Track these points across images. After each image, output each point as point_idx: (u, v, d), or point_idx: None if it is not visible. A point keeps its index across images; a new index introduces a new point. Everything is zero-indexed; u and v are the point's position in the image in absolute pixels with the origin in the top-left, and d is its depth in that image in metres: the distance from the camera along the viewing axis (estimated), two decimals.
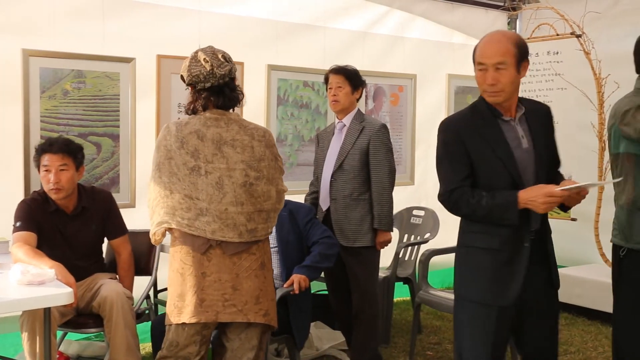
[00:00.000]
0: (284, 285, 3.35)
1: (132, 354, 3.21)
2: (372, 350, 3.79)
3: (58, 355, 3.65)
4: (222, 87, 2.73)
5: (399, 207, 4.62)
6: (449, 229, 4.85)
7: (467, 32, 5.83)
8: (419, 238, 4.68)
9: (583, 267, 5.23)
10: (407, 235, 4.85)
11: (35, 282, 2.72)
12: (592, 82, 5.09)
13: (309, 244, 3.57)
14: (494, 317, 2.54)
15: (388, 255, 4.41)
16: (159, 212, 2.68)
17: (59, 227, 3.39)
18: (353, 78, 3.78)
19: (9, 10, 3.76)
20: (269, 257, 2.84)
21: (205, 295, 2.67)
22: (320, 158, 3.93)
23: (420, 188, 5.69)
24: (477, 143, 2.54)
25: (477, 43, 2.56)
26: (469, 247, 2.63)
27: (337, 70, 3.79)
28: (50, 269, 2.84)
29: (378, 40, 5.38)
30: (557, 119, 2.81)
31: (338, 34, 5.11)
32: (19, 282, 2.72)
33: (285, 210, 3.50)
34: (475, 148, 2.54)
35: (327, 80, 3.84)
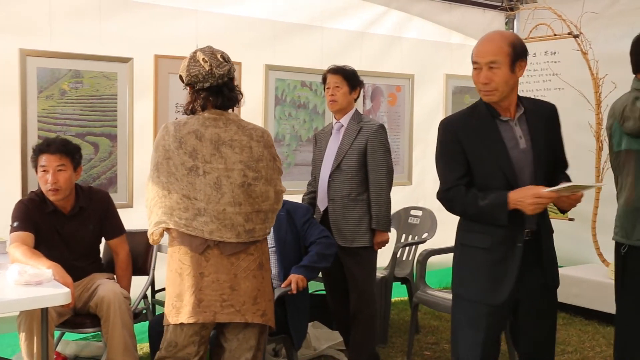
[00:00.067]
0: (282, 285, 3.34)
1: (129, 354, 3.21)
2: (369, 350, 3.79)
3: (55, 356, 3.65)
4: (221, 87, 2.73)
5: (397, 207, 4.62)
6: (447, 229, 4.86)
7: (464, 32, 5.84)
8: (417, 238, 4.69)
9: (580, 267, 5.24)
10: (404, 235, 4.85)
11: (33, 282, 2.72)
12: (589, 82, 5.10)
13: (307, 244, 3.57)
14: (486, 315, 2.56)
15: (386, 255, 4.42)
16: (157, 212, 2.68)
17: (57, 227, 3.38)
18: (351, 78, 3.78)
19: (6, 10, 3.75)
20: (267, 257, 2.84)
21: (204, 296, 2.66)
22: (318, 158, 3.92)
23: (418, 188, 5.69)
24: (473, 143, 2.56)
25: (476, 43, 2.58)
26: (465, 246, 2.66)
27: (335, 70, 3.79)
28: (48, 269, 2.83)
29: (376, 41, 5.38)
30: None
31: (336, 34, 5.11)
32: (17, 282, 2.71)
33: (283, 211, 3.50)
34: (472, 148, 2.56)
35: (325, 80, 3.83)
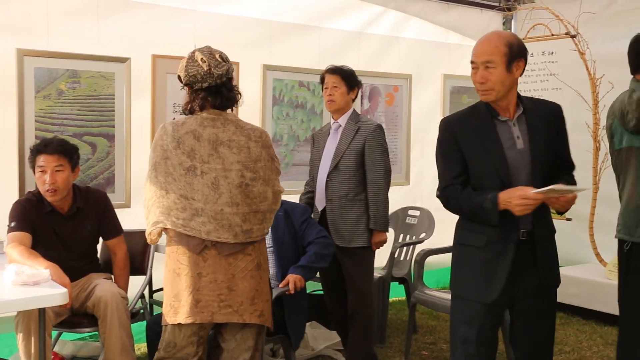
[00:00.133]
0: (280, 286, 3.34)
1: (126, 354, 3.20)
2: (367, 350, 3.79)
3: (53, 356, 3.65)
4: (219, 87, 2.73)
5: (395, 207, 4.62)
6: (445, 229, 4.86)
7: (462, 32, 5.84)
8: (415, 238, 4.69)
9: (578, 266, 5.24)
10: (402, 235, 4.85)
11: (30, 282, 2.72)
12: (586, 82, 5.11)
13: (305, 244, 3.57)
14: (480, 313, 2.58)
15: (383, 255, 4.42)
16: (155, 211, 2.68)
17: (54, 227, 3.38)
18: (349, 78, 3.78)
19: (4, 10, 3.74)
20: (265, 257, 2.84)
21: (201, 296, 2.66)
22: (316, 158, 3.92)
23: (416, 188, 5.70)
24: (470, 143, 2.58)
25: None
26: (462, 245, 2.68)
27: (333, 70, 3.79)
28: (45, 270, 2.83)
29: (373, 40, 5.38)
30: None
31: (333, 34, 5.11)
32: (14, 282, 2.71)
33: (281, 211, 3.49)
34: (469, 147, 2.58)
35: (323, 80, 3.83)
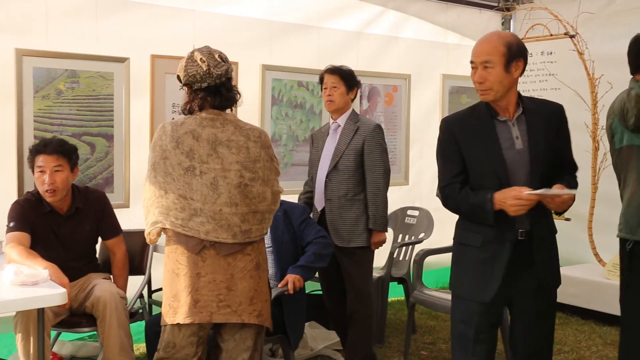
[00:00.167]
0: (279, 286, 3.34)
1: (125, 354, 3.20)
2: (366, 350, 3.79)
3: (52, 356, 3.64)
4: (218, 87, 2.73)
5: (393, 207, 4.62)
6: (444, 229, 4.87)
7: (461, 32, 5.85)
8: (414, 238, 4.69)
9: (577, 266, 5.25)
10: (401, 235, 4.85)
11: (29, 282, 2.71)
12: (585, 82, 5.11)
13: (304, 244, 3.57)
14: (478, 313, 2.59)
15: (382, 255, 4.42)
16: (154, 211, 2.68)
17: (53, 227, 3.37)
18: (348, 78, 3.78)
19: (3, 10, 3.74)
20: (264, 257, 2.84)
21: (200, 296, 2.66)
22: (315, 158, 3.92)
23: (415, 188, 5.70)
24: (469, 143, 2.59)
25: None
26: (460, 244, 2.70)
27: (332, 70, 3.79)
28: (44, 270, 2.83)
29: (372, 41, 5.38)
30: None
31: (332, 34, 5.11)
32: (13, 282, 2.71)
33: (280, 211, 3.49)
34: (467, 148, 2.59)
35: (322, 80, 3.83)
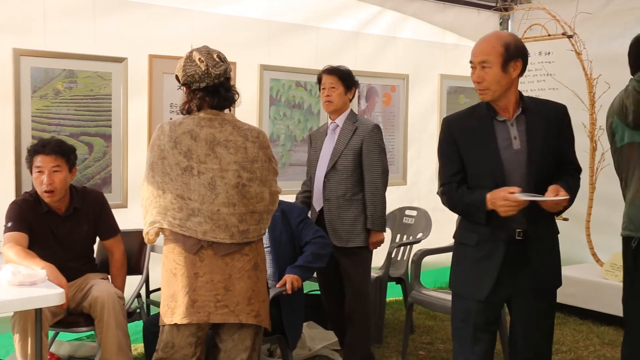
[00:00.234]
0: (277, 286, 3.34)
1: (123, 354, 3.20)
2: (364, 350, 3.79)
3: (49, 356, 3.64)
4: (217, 87, 2.72)
5: (392, 207, 4.62)
6: (442, 229, 4.88)
7: (459, 32, 5.85)
8: (412, 238, 4.69)
9: (574, 266, 5.25)
10: (399, 235, 4.85)
11: (27, 282, 2.71)
12: (583, 82, 5.12)
13: (302, 244, 3.57)
14: (475, 310, 2.61)
15: (380, 255, 4.42)
16: (152, 211, 2.67)
17: (51, 228, 3.37)
18: (346, 78, 3.78)
19: (0, 10, 3.73)
20: (263, 257, 2.83)
21: (197, 296, 2.66)
22: (313, 158, 3.92)
23: (413, 188, 5.70)
24: (467, 142, 2.61)
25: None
26: (459, 243, 2.73)
27: (330, 71, 3.79)
28: (42, 270, 2.83)
29: (370, 41, 5.38)
30: None
31: (330, 34, 5.11)
32: (10, 282, 2.70)
33: (278, 211, 3.49)
34: (466, 147, 2.61)
35: (320, 81, 3.83)
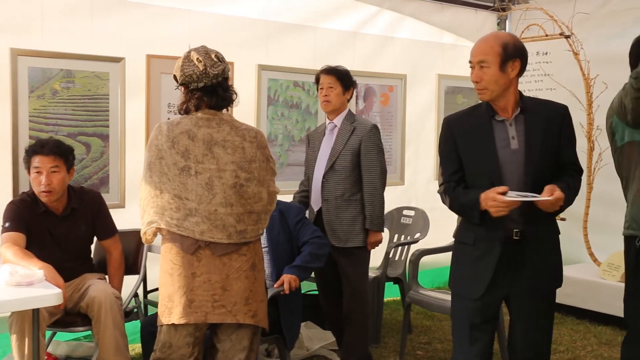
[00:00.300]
0: (274, 286, 3.34)
1: (120, 354, 3.20)
2: (362, 350, 3.79)
3: (47, 356, 3.64)
4: (215, 87, 2.72)
5: (389, 207, 4.62)
6: (439, 229, 4.89)
7: (456, 32, 5.85)
8: (409, 238, 4.69)
9: (572, 266, 5.25)
10: (397, 235, 4.85)
11: (24, 283, 2.71)
12: (580, 82, 5.12)
13: (300, 244, 3.57)
14: (471, 309, 2.62)
15: (378, 255, 4.42)
16: (149, 211, 2.67)
17: (49, 228, 3.37)
18: (344, 78, 3.78)
19: None
20: (260, 257, 2.83)
21: (195, 296, 2.66)
22: (311, 159, 3.92)
23: (411, 188, 5.70)
24: (465, 142, 2.62)
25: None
26: (457, 241, 2.76)
27: (328, 71, 3.79)
28: (39, 270, 2.82)
29: (368, 41, 5.39)
30: None
31: (328, 34, 5.11)
32: (8, 283, 2.70)
33: (276, 211, 3.49)
34: (464, 146, 2.62)
35: (318, 81, 3.83)
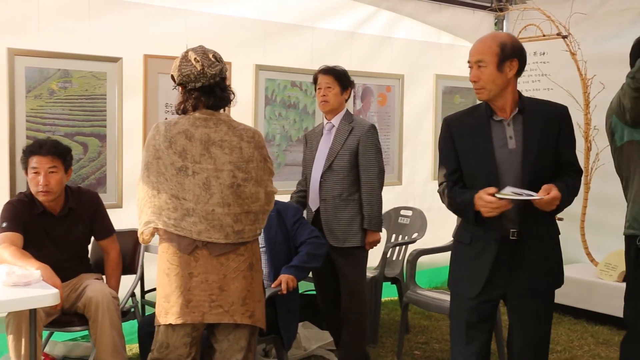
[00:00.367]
0: (272, 286, 3.33)
1: (118, 355, 3.19)
2: (360, 350, 3.79)
3: (44, 357, 3.63)
4: (212, 87, 2.72)
5: (387, 207, 4.62)
6: (437, 229, 4.90)
7: (454, 32, 5.86)
8: (407, 238, 4.69)
9: (569, 266, 5.23)
10: (394, 235, 4.86)
11: (21, 283, 2.71)
12: (578, 82, 5.13)
13: (297, 244, 3.57)
14: (468, 309, 2.63)
15: (376, 255, 4.42)
16: (147, 211, 2.67)
17: (46, 228, 3.36)
18: (342, 78, 3.78)
19: None
20: (258, 258, 2.83)
21: (192, 296, 2.65)
22: (309, 158, 3.92)
23: (408, 188, 5.70)
24: (463, 142, 2.63)
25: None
26: (456, 240, 2.78)
27: (326, 71, 3.79)
28: (36, 270, 2.82)
29: (366, 41, 5.39)
30: None
31: (326, 34, 5.11)
32: (5, 283, 2.70)
33: (273, 211, 3.47)
34: (462, 147, 2.63)
35: (315, 81, 3.83)
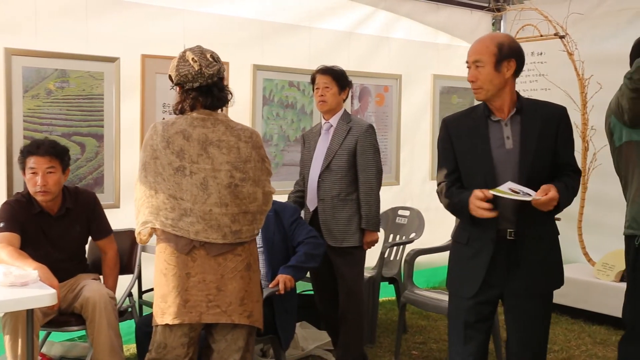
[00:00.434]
0: (270, 286, 3.34)
1: (115, 355, 3.19)
2: (357, 350, 3.79)
3: (41, 357, 3.62)
4: (210, 87, 2.72)
5: (384, 207, 4.62)
6: (434, 229, 4.90)
7: (451, 32, 5.86)
8: (404, 238, 4.70)
9: (566, 266, 5.18)
10: (392, 235, 4.86)
11: (18, 283, 2.70)
12: (575, 82, 5.14)
13: (295, 244, 3.57)
14: (465, 309, 2.64)
15: (373, 255, 4.42)
16: (144, 211, 2.67)
17: (43, 228, 3.36)
18: (340, 78, 3.78)
19: None
20: (256, 258, 2.83)
21: (189, 296, 2.65)
22: (307, 158, 3.92)
23: (406, 188, 5.70)
24: (461, 142, 2.64)
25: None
26: (454, 240, 2.78)
27: (324, 71, 3.79)
28: (34, 270, 2.81)
29: (363, 41, 5.39)
30: None
31: (324, 34, 5.11)
32: (2, 283, 2.69)
33: (271, 211, 3.47)
34: (460, 147, 2.64)
35: (313, 81, 3.83)
